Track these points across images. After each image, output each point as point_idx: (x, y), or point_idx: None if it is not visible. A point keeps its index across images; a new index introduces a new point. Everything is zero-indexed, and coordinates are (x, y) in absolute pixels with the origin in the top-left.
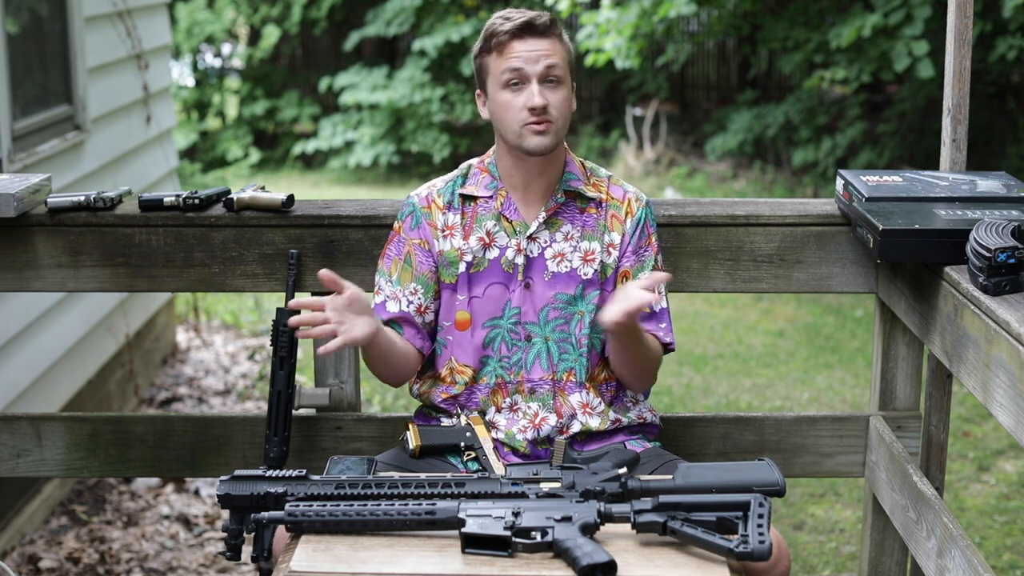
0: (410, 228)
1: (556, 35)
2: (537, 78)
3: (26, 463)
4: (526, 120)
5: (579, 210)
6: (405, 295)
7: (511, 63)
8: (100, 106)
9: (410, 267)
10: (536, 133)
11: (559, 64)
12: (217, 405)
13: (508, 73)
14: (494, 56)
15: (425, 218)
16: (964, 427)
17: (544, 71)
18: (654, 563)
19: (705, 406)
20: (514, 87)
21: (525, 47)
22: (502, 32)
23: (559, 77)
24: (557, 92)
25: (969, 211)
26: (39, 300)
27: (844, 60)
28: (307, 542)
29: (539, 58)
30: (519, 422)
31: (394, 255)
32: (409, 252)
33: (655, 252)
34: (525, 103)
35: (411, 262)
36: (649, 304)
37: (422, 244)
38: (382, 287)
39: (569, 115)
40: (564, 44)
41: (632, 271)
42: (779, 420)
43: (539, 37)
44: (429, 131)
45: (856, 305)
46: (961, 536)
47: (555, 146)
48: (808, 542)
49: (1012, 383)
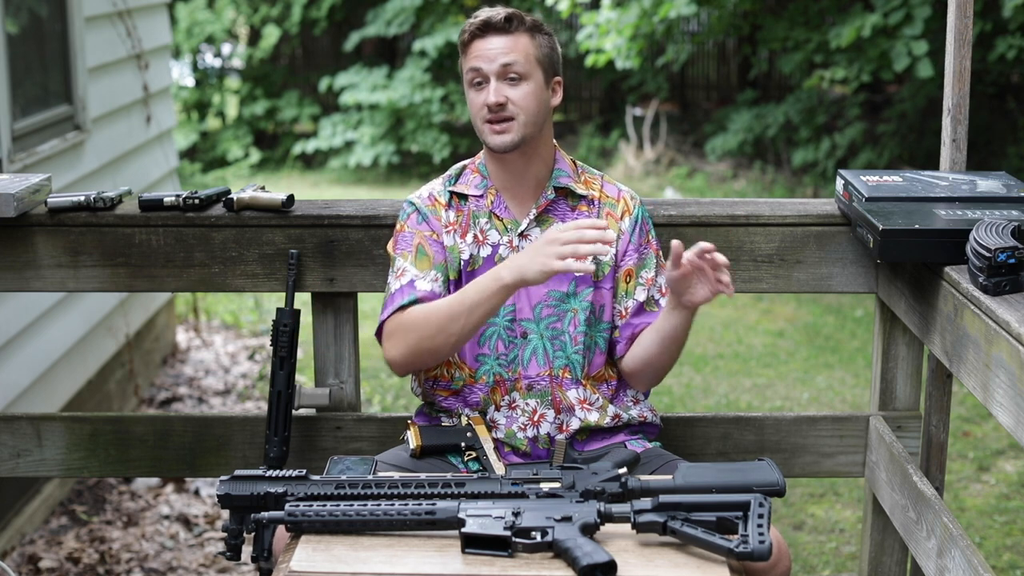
0: (416, 223)
1: (519, 31)
2: (495, 76)
3: (26, 463)
4: (485, 118)
5: (570, 207)
6: (429, 279)
7: (472, 63)
8: (100, 106)
9: (426, 256)
10: (494, 132)
11: (519, 60)
12: (217, 405)
13: (470, 72)
14: (463, 57)
15: (432, 214)
16: (964, 427)
17: (500, 69)
18: (654, 563)
19: (705, 406)
20: (477, 86)
21: (484, 45)
22: (466, 32)
23: (520, 73)
24: (519, 88)
25: (969, 211)
26: (39, 300)
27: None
28: (307, 542)
29: (496, 56)
30: (518, 420)
31: (404, 248)
32: (420, 243)
33: (655, 251)
34: (484, 101)
35: (425, 251)
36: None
37: (433, 236)
38: (406, 269)
39: (541, 110)
40: (532, 39)
41: (635, 269)
42: (779, 420)
43: (498, 34)
44: (429, 131)
45: (856, 305)
46: (961, 536)
47: (519, 143)
48: (808, 542)
49: (1012, 383)
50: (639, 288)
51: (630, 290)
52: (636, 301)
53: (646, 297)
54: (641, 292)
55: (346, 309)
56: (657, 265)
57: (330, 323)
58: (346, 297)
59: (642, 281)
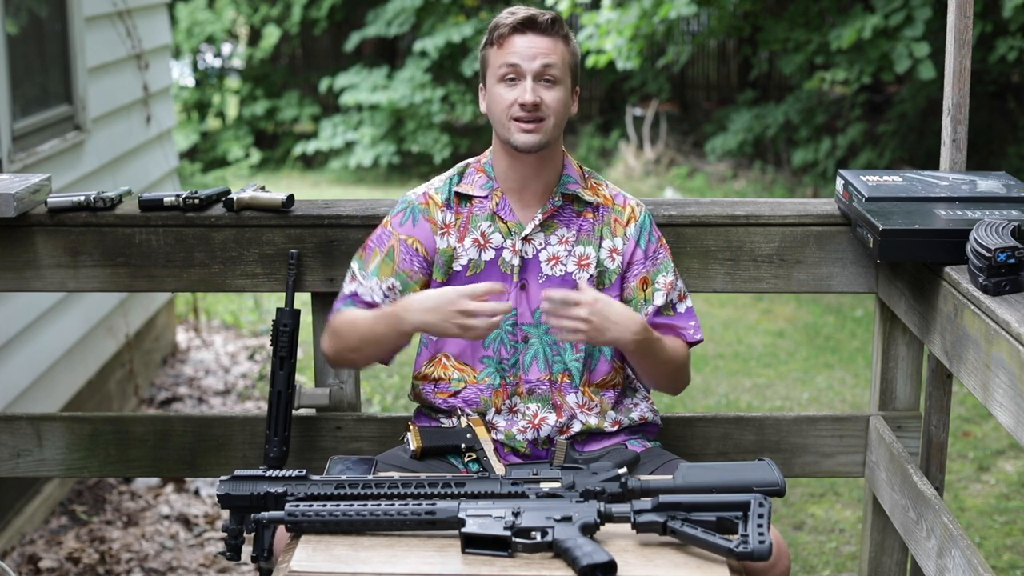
0: (400, 224)
1: (558, 35)
2: (532, 75)
3: (26, 463)
4: (515, 115)
5: (576, 214)
6: (381, 288)
7: (508, 57)
8: (100, 106)
9: (391, 262)
10: (523, 131)
11: (557, 64)
12: (217, 405)
13: (504, 67)
14: (495, 49)
15: (424, 215)
16: (964, 427)
17: (540, 69)
18: (654, 563)
19: (705, 406)
20: (509, 81)
21: (524, 42)
22: (504, 25)
23: (556, 77)
24: (552, 91)
25: (969, 211)
26: (39, 300)
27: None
28: (307, 542)
29: (536, 55)
30: (518, 423)
31: (375, 247)
32: (393, 247)
33: (668, 252)
34: (517, 98)
35: (393, 257)
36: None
37: (411, 242)
38: (356, 275)
39: (565, 117)
40: (567, 46)
41: (651, 275)
42: (779, 420)
43: (540, 34)
44: (429, 131)
45: (856, 305)
46: (961, 536)
47: (544, 145)
48: (808, 542)
49: (1012, 383)
50: (657, 293)
51: (648, 296)
52: (655, 306)
53: (664, 302)
54: (660, 296)
55: None
56: (674, 268)
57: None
58: None
59: (659, 286)
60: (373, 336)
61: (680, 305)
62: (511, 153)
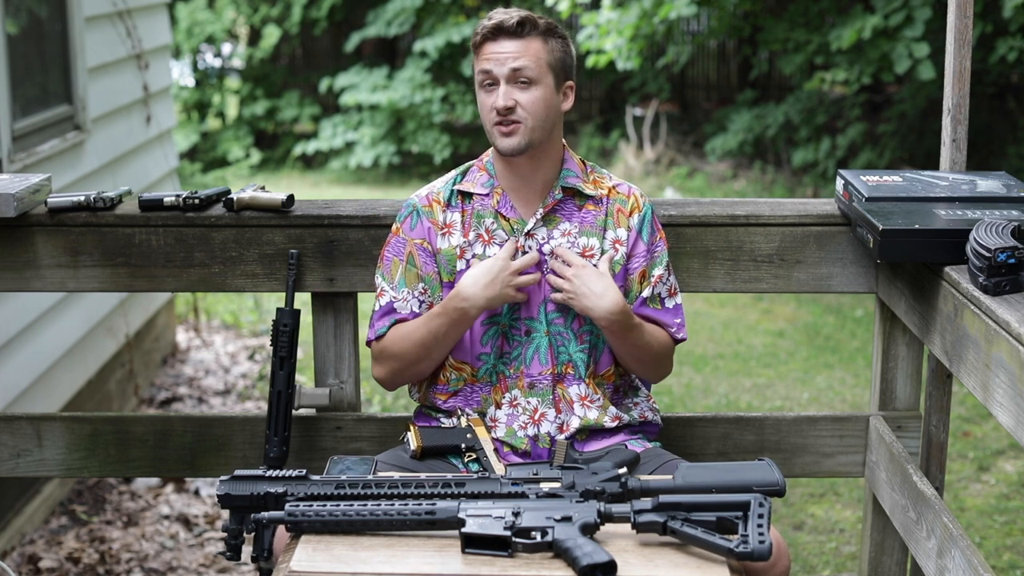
0: (410, 228)
1: (531, 35)
2: (505, 79)
3: (26, 463)
4: (494, 120)
5: (577, 207)
6: (415, 296)
7: (483, 64)
8: (100, 106)
9: (414, 267)
10: (503, 135)
11: (529, 65)
12: (217, 405)
13: (480, 74)
14: (475, 58)
15: (427, 216)
16: (964, 427)
17: (510, 73)
18: (654, 563)
19: (705, 406)
20: (487, 88)
21: (495, 48)
22: (477, 34)
23: (530, 77)
24: (528, 92)
25: (969, 211)
26: (39, 300)
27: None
28: (307, 542)
29: (506, 60)
30: (519, 418)
31: (393, 255)
32: (411, 252)
33: (666, 245)
34: (493, 104)
35: (415, 262)
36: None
37: (423, 244)
38: (385, 290)
39: (551, 114)
40: (544, 44)
41: (648, 268)
42: (779, 420)
43: (509, 38)
44: (429, 132)
45: (856, 305)
46: (961, 536)
47: (527, 146)
48: (808, 542)
49: (1012, 383)
50: (647, 286)
51: (641, 288)
52: (641, 297)
53: (651, 294)
54: (647, 289)
55: (346, 309)
56: (668, 263)
57: (330, 323)
58: (346, 297)
59: (651, 279)
60: (434, 340)
61: (668, 301)
62: (501, 156)
